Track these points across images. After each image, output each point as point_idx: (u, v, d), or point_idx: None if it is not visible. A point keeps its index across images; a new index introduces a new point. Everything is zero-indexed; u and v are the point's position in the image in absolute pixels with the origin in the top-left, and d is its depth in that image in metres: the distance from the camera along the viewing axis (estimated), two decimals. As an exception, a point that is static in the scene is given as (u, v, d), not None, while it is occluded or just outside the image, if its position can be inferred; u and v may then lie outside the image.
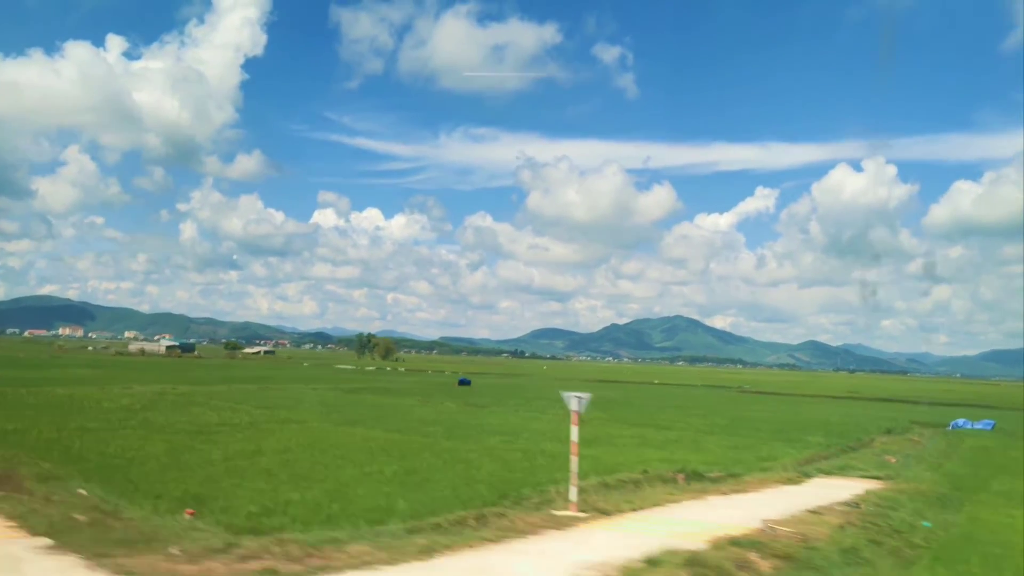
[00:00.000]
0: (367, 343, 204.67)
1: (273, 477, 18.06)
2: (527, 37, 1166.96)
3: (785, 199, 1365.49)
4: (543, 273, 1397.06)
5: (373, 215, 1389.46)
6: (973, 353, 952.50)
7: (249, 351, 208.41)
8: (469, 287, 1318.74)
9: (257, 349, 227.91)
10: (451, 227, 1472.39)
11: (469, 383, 77.30)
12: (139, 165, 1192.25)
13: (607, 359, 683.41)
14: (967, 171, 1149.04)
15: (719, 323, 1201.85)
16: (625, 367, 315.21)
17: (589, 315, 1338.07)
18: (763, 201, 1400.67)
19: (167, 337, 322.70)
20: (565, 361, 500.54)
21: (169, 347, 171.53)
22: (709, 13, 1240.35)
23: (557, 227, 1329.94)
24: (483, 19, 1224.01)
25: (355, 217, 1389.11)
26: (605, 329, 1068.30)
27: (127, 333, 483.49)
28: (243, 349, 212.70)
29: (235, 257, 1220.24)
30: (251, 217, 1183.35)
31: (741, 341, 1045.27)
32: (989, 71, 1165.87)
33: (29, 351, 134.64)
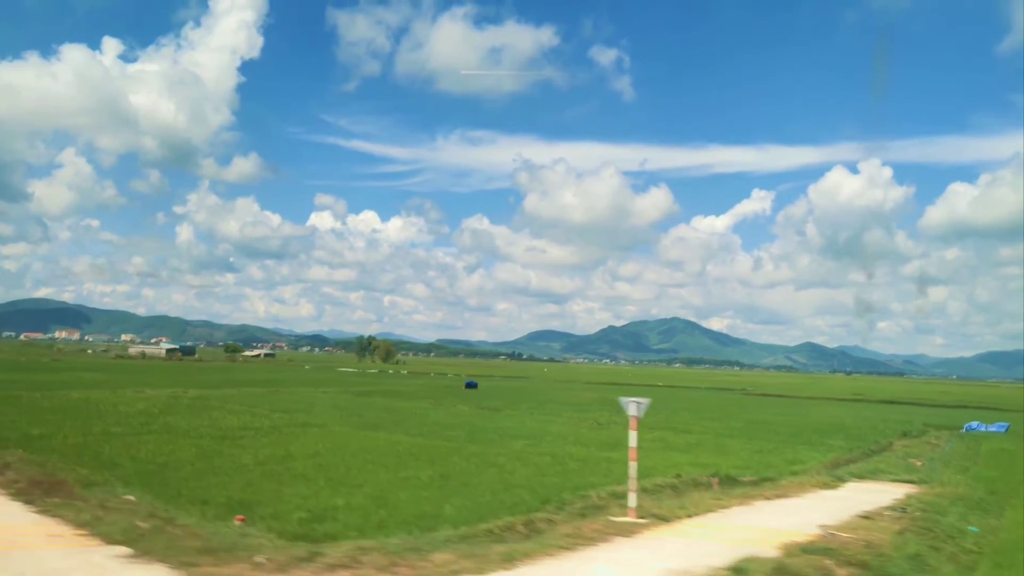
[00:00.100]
0: (367, 346, 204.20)
1: (311, 482, 17.98)
2: (524, 40, 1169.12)
3: (781, 201, 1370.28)
4: (540, 275, 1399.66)
5: (370, 217, 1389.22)
6: (969, 355, 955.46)
7: (249, 354, 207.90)
8: (466, 289, 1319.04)
9: (257, 352, 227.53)
10: (448, 229, 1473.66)
11: (476, 386, 77.28)
12: (135, 168, 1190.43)
13: (604, 361, 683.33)
14: (963, 173, 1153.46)
15: (716, 325, 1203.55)
16: (624, 369, 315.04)
17: (586, 317, 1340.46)
18: (759, 203, 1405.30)
19: (164, 340, 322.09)
20: (563, 363, 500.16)
21: (169, 350, 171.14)
22: (706, 15, 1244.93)
23: (554, 229, 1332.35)
24: (480, 22, 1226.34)
25: (352, 219, 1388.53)
26: (602, 331, 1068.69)
27: (124, 336, 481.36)
28: (243, 352, 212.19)
29: (232, 260, 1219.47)
30: (247, 220, 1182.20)
31: (738, 343, 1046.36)
32: (985, 73, 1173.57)
33: (29, 354, 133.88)
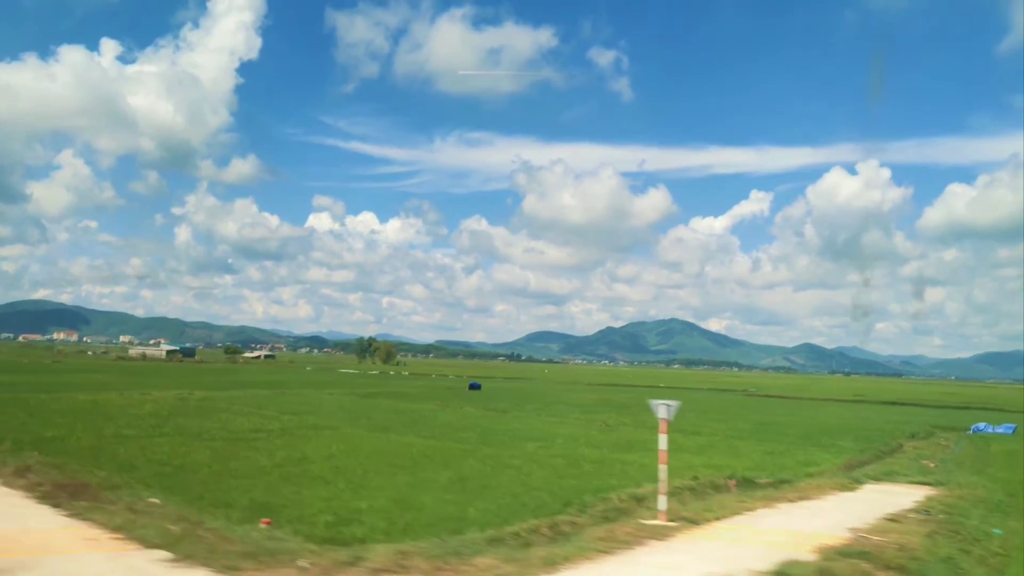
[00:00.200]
0: (368, 347, 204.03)
1: (330, 485, 17.95)
2: (522, 41, 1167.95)
3: (780, 202, 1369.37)
4: (538, 276, 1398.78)
5: (368, 219, 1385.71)
6: (967, 356, 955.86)
7: (249, 355, 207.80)
8: (464, 290, 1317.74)
9: (257, 354, 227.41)
10: (446, 231, 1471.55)
11: (479, 387, 77.40)
12: (133, 169, 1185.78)
13: (603, 362, 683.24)
14: (961, 174, 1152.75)
15: (714, 326, 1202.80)
16: (624, 370, 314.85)
17: (584, 318, 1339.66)
18: (758, 204, 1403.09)
19: (163, 341, 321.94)
20: (563, 364, 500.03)
21: (170, 352, 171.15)
22: (704, 17, 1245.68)
23: (552, 230, 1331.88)
24: (478, 23, 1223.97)
25: (350, 221, 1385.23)
26: (600, 332, 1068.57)
27: (122, 338, 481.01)
28: (243, 353, 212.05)
29: (230, 261, 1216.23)
30: (246, 221, 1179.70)
31: (736, 344, 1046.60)
32: (983, 75, 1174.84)
33: (30, 356, 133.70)
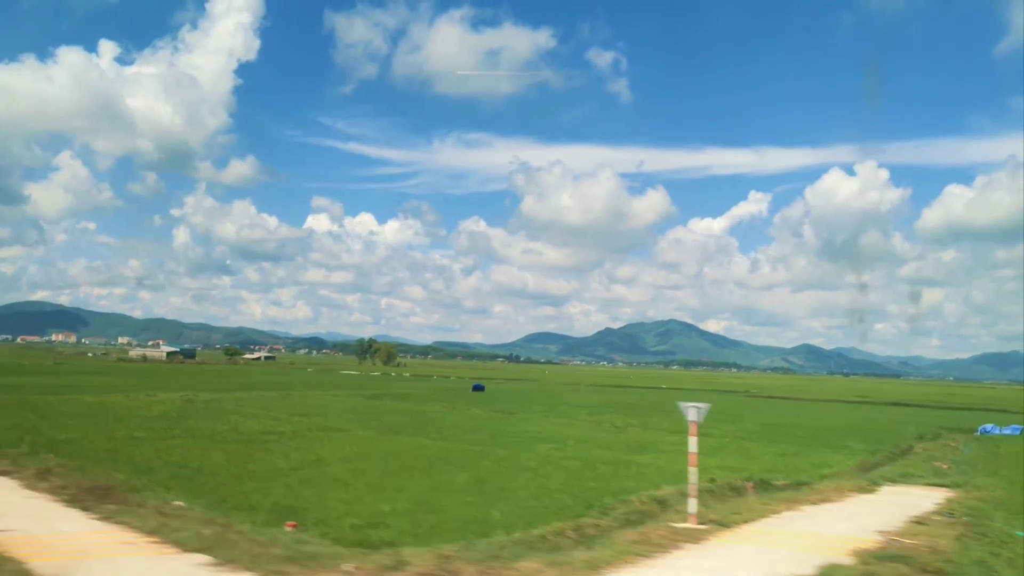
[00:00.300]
0: (368, 348, 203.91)
1: (349, 488, 17.91)
2: (521, 42, 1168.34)
3: (778, 203, 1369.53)
4: (537, 277, 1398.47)
5: (367, 220, 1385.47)
6: (965, 356, 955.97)
7: (250, 357, 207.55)
8: (463, 291, 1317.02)
9: (258, 355, 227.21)
10: (445, 232, 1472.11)
11: (483, 389, 77.35)
12: (132, 170, 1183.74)
13: (601, 363, 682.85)
14: (959, 175, 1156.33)
15: (713, 327, 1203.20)
16: (623, 371, 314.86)
17: (583, 319, 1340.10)
18: (756, 205, 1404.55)
19: (162, 343, 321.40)
20: (562, 365, 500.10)
21: (170, 353, 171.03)
22: (702, 18, 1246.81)
23: (551, 231, 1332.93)
24: (477, 24, 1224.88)
25: (348, 222, 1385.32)
26: (599, 333, 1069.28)
27: (120, 339, 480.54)
28: (243, 355, 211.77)
29: (228, 262, 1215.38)
30: (244, 222, 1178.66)
31: (735, 345, 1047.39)
32: (981, 76, 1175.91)
33: (30, 358, 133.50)
